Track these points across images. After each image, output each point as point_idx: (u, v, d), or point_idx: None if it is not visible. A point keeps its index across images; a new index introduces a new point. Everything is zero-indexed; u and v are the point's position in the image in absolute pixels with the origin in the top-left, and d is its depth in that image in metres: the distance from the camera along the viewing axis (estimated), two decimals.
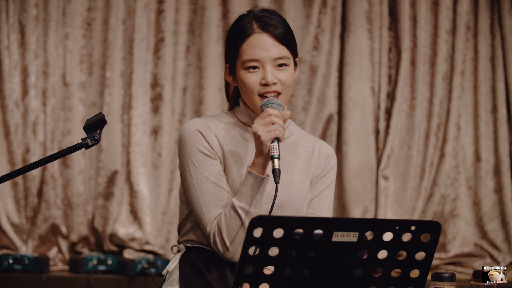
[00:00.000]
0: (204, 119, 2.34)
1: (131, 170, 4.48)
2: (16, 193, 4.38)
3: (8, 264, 4.17)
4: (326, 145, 2.46)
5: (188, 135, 2.29)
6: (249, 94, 2.29)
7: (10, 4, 4.39)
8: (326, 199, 2.39)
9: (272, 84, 2.27)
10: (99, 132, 2.10)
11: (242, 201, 2.20)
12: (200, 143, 2.29)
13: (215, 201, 2.25)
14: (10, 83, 4.39)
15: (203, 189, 2.26)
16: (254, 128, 2.18)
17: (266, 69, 2.27)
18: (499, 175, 4.79)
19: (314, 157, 2.40)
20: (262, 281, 1.72)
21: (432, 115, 4.78)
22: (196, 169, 2.27)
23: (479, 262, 4.72)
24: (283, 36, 2.31)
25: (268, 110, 2.20)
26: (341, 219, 1.83)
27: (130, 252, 4.42)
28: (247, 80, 2.28)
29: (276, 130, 2.18)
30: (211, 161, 2.28)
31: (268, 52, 2.28)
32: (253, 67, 2.28)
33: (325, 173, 2.41)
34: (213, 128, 2.32)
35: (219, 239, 2.22)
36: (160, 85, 4.56)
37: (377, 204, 4.71)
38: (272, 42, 2.29)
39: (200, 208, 2.25)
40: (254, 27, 2.31)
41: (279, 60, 2.29)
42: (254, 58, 2.28)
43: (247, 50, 2.29)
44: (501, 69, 4.82)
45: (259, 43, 2.29)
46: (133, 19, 4.51)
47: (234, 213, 2.20)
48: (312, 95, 4.73)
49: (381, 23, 4.78)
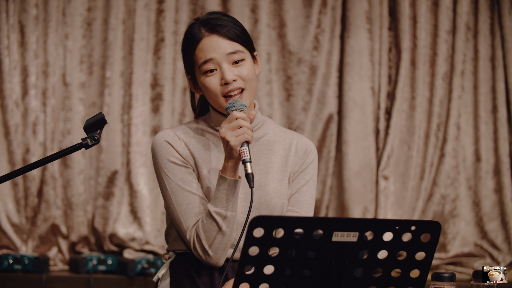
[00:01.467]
0: (173, 129, 2.32)
1: (131, 170, 4.48)
2: (16, 193, 4.38)
3: (8, 264, 4.17)
4: (305, 140, 2.41)
5: (158, 146, 2.29)
6: (214, 98, 2.27)
7: (10, 4, 4.39)
8: (305, 195, 2.36)
9: (233, 82, 2.25)
10: (99, 132, 2.09)
11: (217, 206, 2.20)
12: (170, 153, 2.28)
13: (191, 209, 2.25)
14: (10, 83, 4.39)
15: (179, 199, 2.26)
16: (221, 133, 2.17)
17: (222, 68, 2.25)
18: (499, 175, 4.79)
19: (291, 154, 2.37)
20: (262, 281, 1.72)
21: (432, 115, 4.79)
22: (170, 179, 2.27)
23: (479, 262, 4.72)
24: (233, 33, 2.30)
25: (234, 113, 2.18)
26: (341, 219, 1.83)
27: (130, 252, 4.42)
28: (207, 84, 2.26)
29: (245, 134, 2.16)
30: (183, 169, 2.27)
31: (220, 50, 2.27)
32: (210, 70, 2.26)
33: (303, 168, 2.38)
34: (182, 137, 2.30)
35: (198, 245, 2.22)
36: (160, 85, 4.56)
37: (377, 204, 4.71)
38: (222, 40, 2.28)
39: (178, 218, 2.26)
40: (202, 31, 2.31)
41: (233, 55, 2.27)
42: (207, 59, 2.26)
43: (200, 54, 2.28)
44: (501, 69, 4.82)
45: (209, 45, 2.28)
46: (133, 19, 4.51)
47: (210, 219, 2.20)
48: (312, 95, 4.73)
49: (381, 23, 4.78)
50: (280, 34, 4.74)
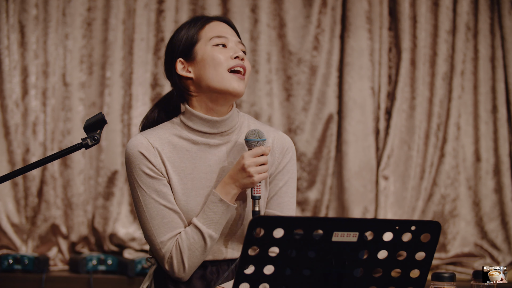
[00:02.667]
0: (147, 135, 2.23)
1: None
2: (16, 193, 4.38)
3: (8, 264, 4.17)
4: (282, 138, 2.33)
5: (132, 157, 2.21)
6: (217, 69, 2.21)
7: (10, 4, 4.39)
8: (285, 197, 2.30)
9: (241, 60, 2.24)
10: (99, 132, 2.09)
11: (210, 227, 2.18)
12: (144, 164, 2.21)
13: (166, 223, 2.21)
14: (10, 83, 4.39)
15: (152, 212, 2.21)
16: (247, 165, 2.14)
17: (234, 47, 2.25)
18: (499, 175, 4.79)
19: (268, 155, 2.30)
20: (262, 281, 1.72)
21: (432, 115, 4.78)
22: (143, 191, 2.21)
23: (479, 262, 4.72)
24: (238, 33, 2.32)
25: (262, 148, 2.17)
26: (341, 219, 1.83)
27: (130, 252, 4.42)
28: (217, 53, 2.22)
29: (266, 172, 2.17)
30: (156, 182, 2.21)
31: (233, 35, 2.28)
32: (222, 44, 2.25)
33: (281, 169, 2.30)
34: (156, 145, 2.22)
35: (177, 260, 2.19)
36: (160, 85, 4.56)
37: (377, 204, 4.71)
38: (231, 31, 2.30)
39: (151, 230, 2.22)
40: (210, 17, 2.31)
41: (241, 46, 2.28)
42: (222, 35, 2.25)
43: (212, 30, 2.26)
44: (501, 69, 4.82)
45: (222, 28, 2.28)
46: (133, 19, 4.51)
47: (200, 238, 2.18)
48: (312, 95, 4.73)
49: (381, 23, 4.78)
50: (280, 34, 4.74)
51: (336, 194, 4.77)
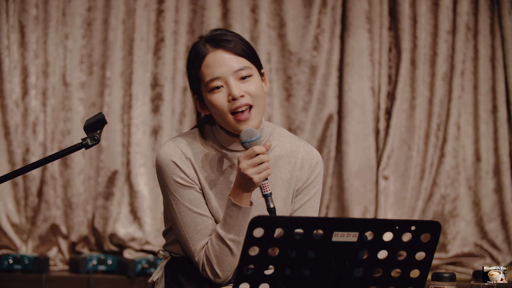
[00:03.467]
0: (179, 145, 2.25)
1: (131, 170, 4.48)
2: (16, 193, 4.38)
3: (8, 264, 4.17)
4: (311, 153, 2.34)
5: (164, 165, 2.23)
6: (222, 116, 2.20)
7: (10, 4, 4.39)
8: (308, 211, 2.31)
9: (240, 98, 2.17)
10: (99, 132, 2.09)
11: (230, 232, 2.18)
12: (176, 174, 2.22)
13: (199, 230, 2.22)
14: (10, 83, 4.39)
15: (186, 219, 2.23)
16: (243, 169, 2.12)
17: (229, 84, 2.18)
18: (499, 175, 4.79)
19: (297, 168, 2.31)
20: (262, 281, 1.72)
21: (432, 115, 4.78)
22: (177, 199, 2.23)
23: (479, 262, 4.72)
24: (239, 48, 2.22)
25: (254, 149, 2.13)
26: (341, 219, 1.83)
27: (130, 252, 4.42)
28: (214, 101, 2.19)
29: (267, 170, 2.13)
30: (189, 190, 2.23)
31: (227, 67, 2.19)
32: (217, 87, 2.19)
33: (308, 184, 2.32)
34: (189, 156, 2.24)
35: (209, 269, 2.21)
36: (160, 85, 4.56)
37: (377, 204, 4.71)
38: (228, 56, 2.20)
39: (185, 238, 2.23)
40: (207, 47, 2.22)
41: (240, 72, 2.20)
42: (214, 77, 2.19)
43: (206, 71, 2.20)
44: (501, 69, 4.82)
45: (215, 61, 2.20)
46: (133, 19, 4.51)
47: (223, 245, 2.19)
48: (312, 95, 4.73)
49: (381, 23, 4.78)
50: (280, 34, 4.74)
51: (336, 194, 4.77)
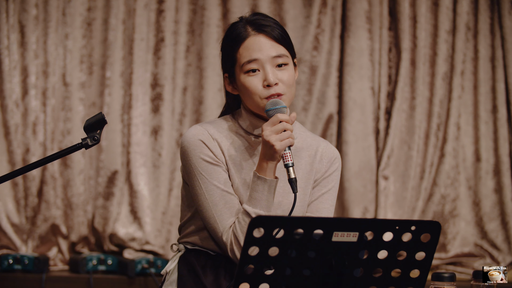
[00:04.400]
0: (205, 127, 2.28)
1: (131, 170, 4.48)
2: (16, 193, 4.38)
3: (8, 264, 4.17)
4: (331, 148, 2.39)
5: (192, 145, 2.25)
6: (253, 98, 2.23)
7: (10, 4, 4.39)
8: (325, 203, 2.35)
9: (274, 85, 2.22)
10: (99, 132, 2.09)
11: (256, 207, 2.17)
12: (204, 153, 2.24)
13: (228, 208, 2.22)
14: (10, 83, 4.39)
15: (214, 198, 2.22)
16: (266, 136, 2.13)
17: (266, 69, 2.22)
18: (499, 175, 4.79)
19: (316, 161, 2.35)
20: (262, 281, 1.72)
21: (432, 115, 4.79)
22: (204, 178, 2.23)
23: (479, 262, 4.72)
24: (280, 35, 2.27)
25: (278, 116, 2.15)
26: (341, 219, 1.83)
27: (130, 252, 4.42)
28: (248, 84, 2.23)
29: (290, 138, 2.14)
30: (217, 169, 2.24)
31: (266, 52, 2.24)
32: (252, 70, 2.23)
33: (326, 176, 2.36)
34: (216, 137, 2.27)
35: (237, 248, 2.19)
36: (160, 85, 4.56)
37: (377, 204, 4.71)
38: (269, 42, 2.25)
39: (213, 218, 2.22)
40: (248, 30, 2.27)
41: (278, 59, 2.24)
42: (252, 59, 2.23)
43: (244, 53, 2.24)
44: (501, 69, 4.82)
45: (256, 45, 2.24)
46: (133, 19, 4.51)
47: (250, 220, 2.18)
48: (312, 95, 4.73)
49: (381, 23, 4.78)
50: None
51: None
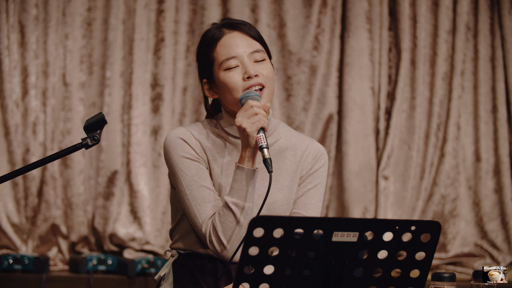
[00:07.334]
0: (187, 128, 2.31)
1: (131, 170, 4.48)
2: (16, 193, 4.38)
3: (8, 264, 4.17)
4: (316, 145, 2.40)
5: (173, 143, 2.27)
6: (232, 93, 2.25)
7: (10, 4, 4.39)
8: (312, 198, 2.34)
9: (255, 77, 2.24)
10: (99, 132, 2.09)
11: (234, 196, 2.18)
12: (185, 150, 2.26)
13: (207, 202, 2.23)
14: (10, 83, 4.39)
15: (194, 193, 2.24)
16: (237, 121, 2.16)
17: (245, 63, 2.24)
18: (499, 175, 4.79)
19: (302, 160, 2.36)
20: (262, 281, 1.72)
21: (432, 115, 4.79)
22: (185, 174, 2.25)
23: (479, 262, 4.72)
24: (255, 33, 2.30)
25: (249, 102, 2.17)
26: (341, 219, 1.83)
27: (130, 252, 4.42)
28: (228, 79, 2.25)
29: (261, 120, 2.15)
30: (198, 165, 2.26)
31: (243, 48, 2.26)
32: (232, 66, 2.25)
33: (312, 173, 2.36)
34: (197, 137, 2.29)
35: (215, 238, 2.20)
36: (160, 85, 4.56)
37: (377, 204, 4.72)
38: (245, 38, 2.28)
39: (193, 212, 2.23)
40: (222, 30, 2.29)
41: (255, 54, 2.26)
42: (230, 56, 2.25)
43: (222, 51, 2.26)
44: (501, 69, 4.82)
45: (232, 41, 2.27)
46: (133, 19, 4.51)
47: (228, 210, 2.18)
48: (312, 95, 4.73)
49: (381, 23, 4.78)
50: (280, 34, 4.74)
51: (336, 194, 4.77)
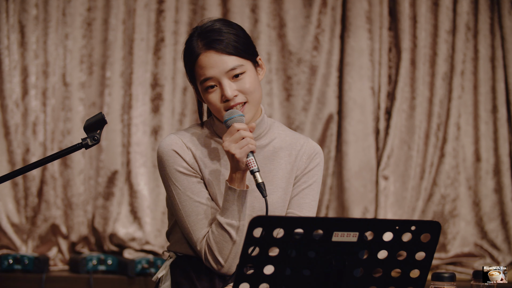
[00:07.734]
0: (179, 135, 2.29)
1: (131, 170, 4.48)
2: (16, 193, 4.38)
3: (8, 264, 4.17)
4: (311, 144, 2.38)
5: (165, 155, 2.26)
6: (217, 112, 2.26)
7: (10, 4, 4.39)
8: (306, 198, 2.33)
9: (234, 97, 2.23)
10: (99, 132, 2.09)
11: (227, 217, 2.19)
12: (177, 163, 2.25)
13: (200, 219, 2.24)
14: (10, 83, 4.39)
15: (187, 209, 2.24)
16: (225, 146, 2.15)
17: (223, 84, 2.22)
18: (499, 175, 4.79)
19: (297, 159, 2.35)
20: (262, 281, 1.72)
21: (432, 115, 4.79)
22: (178, 189, 2.25)
23: (479, 262, 4.72)
24: (230, 46, 2.25)
25: (234, 125, 2.17)
26: (341, 219, 1.83)
27: (130, 252, 4.42)
28: (210, 100, 2.25)
29: (249, 144, 2.15)
30: (191, 179, 2.25)
31: (219, 68, 2.23)
32: (210, 86, 2.24)
33: (306, 172, 2.35)
34: (189, 146, 2.28)
35: (211, 257, 2.22)
36: (160, 85, 4.56)
37: (377, 204, 4.71)
38: (219, 57, 2.23)
39: (188, 228, 2.24)
40: (199, 46, 2.26)
41: (232, 71, 2.23)
42: (207, 77, 2.23)
43: (200, 71, 2.25)
44: (501, 69, 4.82)
45: (207, 62, 2.24)
46: (133, 19, 4.51)
47: (222, 230, 2.19)
48: (312, 95, 4.73)
49: (381, 23, 4.78)
50: (280, 34, 4.74)
51: (336, 194, 4.77)
